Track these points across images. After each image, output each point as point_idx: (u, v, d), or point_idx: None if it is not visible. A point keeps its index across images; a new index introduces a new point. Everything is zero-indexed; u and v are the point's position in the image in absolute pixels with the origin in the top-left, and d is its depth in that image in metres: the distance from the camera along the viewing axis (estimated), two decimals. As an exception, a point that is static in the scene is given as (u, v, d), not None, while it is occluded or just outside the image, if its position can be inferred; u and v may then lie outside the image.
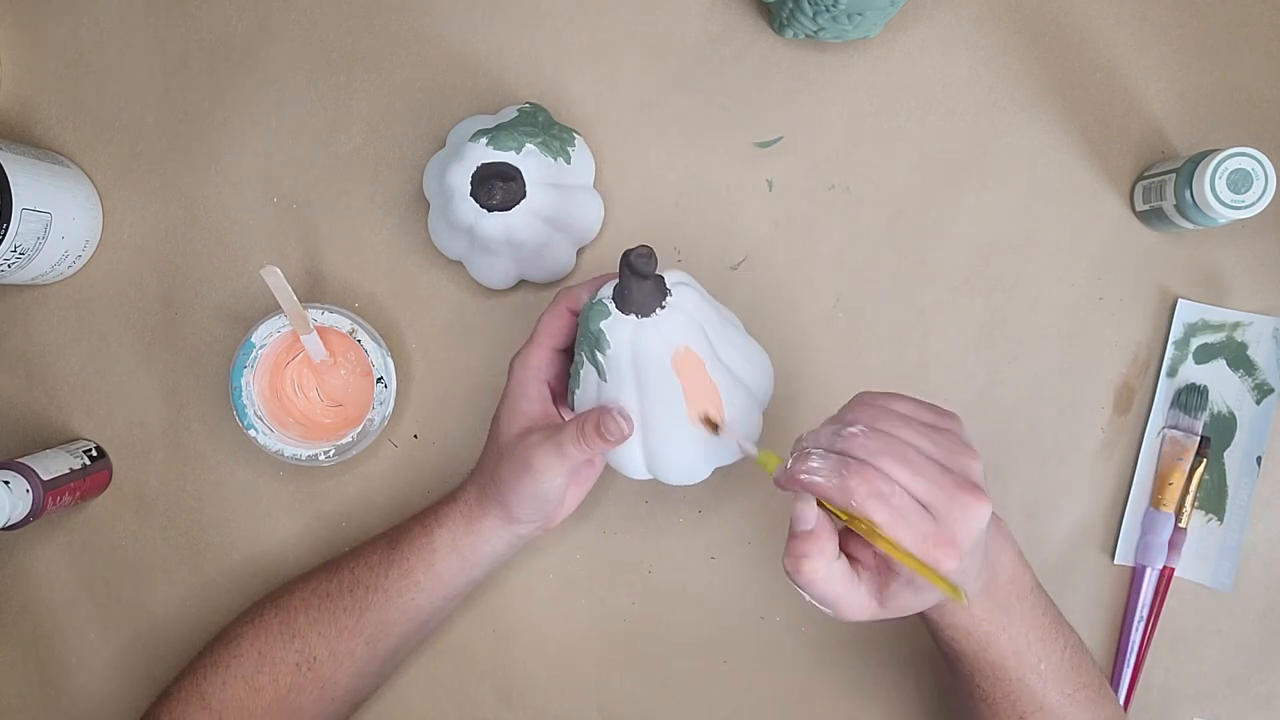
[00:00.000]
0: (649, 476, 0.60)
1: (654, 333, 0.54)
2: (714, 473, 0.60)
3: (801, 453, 0.50)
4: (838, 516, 0.50)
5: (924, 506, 0.48)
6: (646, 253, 0.52)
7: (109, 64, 0.71)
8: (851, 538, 0.52)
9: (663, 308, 0.54)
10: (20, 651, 0.72)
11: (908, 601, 0.50)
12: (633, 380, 0.55)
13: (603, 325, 0.54)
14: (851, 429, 0.49)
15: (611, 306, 0.54)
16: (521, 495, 0.59)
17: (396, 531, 0.65)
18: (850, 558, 0.51)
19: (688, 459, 0.58)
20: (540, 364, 0.60)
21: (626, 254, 0.52)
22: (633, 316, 0.54)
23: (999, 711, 0.58)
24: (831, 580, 0.50)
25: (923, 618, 0.57)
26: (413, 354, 0.71)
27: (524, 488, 0.59)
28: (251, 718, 0.63)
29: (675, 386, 0.55)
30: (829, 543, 0.50)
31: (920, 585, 0.49)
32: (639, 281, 0.53)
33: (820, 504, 0.50)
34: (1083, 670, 0.59)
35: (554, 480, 0.58)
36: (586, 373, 0.57)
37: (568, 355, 0.61)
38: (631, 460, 0.59)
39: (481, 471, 0.63)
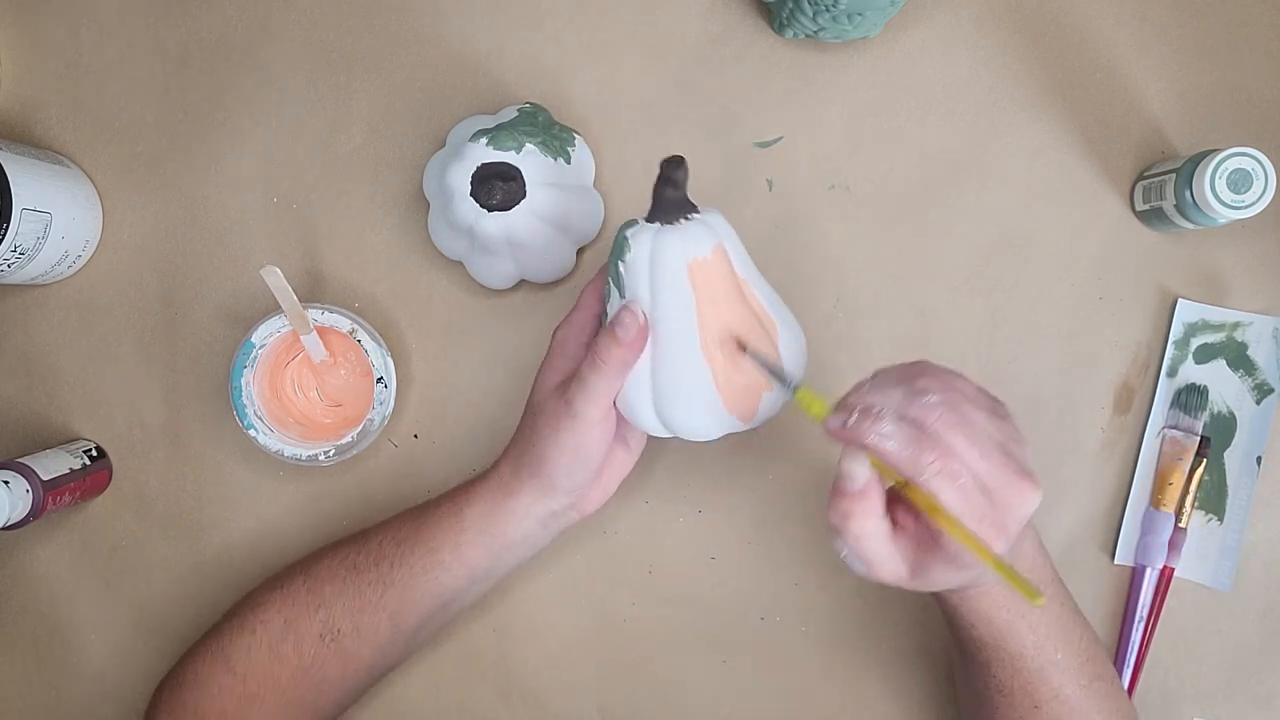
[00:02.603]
0: (660, 427, 0.56)
1: (671, 238, 0.53)
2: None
3: (869, 411, 0.48)
4: (889, 478, 0.49)
5: (983, 487, 0.48)
6: (678, 161, 0.52)
7: (109, 64, 0.71)
8: (894, 500, 0.51)
9: (688, 219, 0.53)
10: (20, 652, 0.72)
11: (942, 577, 0.50)
12: (648, 292, 0.53)
13: (627, 233, 0.54)
14: (929, 398, 0.48)
15: (640, 219, 0.54)
16: (561, 450, 0.57)
17: (426, 507, 0.64)
18: (891, 520, 0.50)
19: (697, 398, 0.54)
20: (583, 326, 0.59)
21: (663, 160, 0.52)
22: (656, 225, 0.53)
23: (1014, 702, 0.58)
24: (874, 540, 0.49)
25: (941, 603, 0.57)
26: (413, 354, 0.71)
27: (562, 441, 0.56)
28: (276, 685, 0.62)
29: (688, 300, 0.52)
30: (877, 503, 0.49)
31: (960, 564, 0.49)
32: (668, 189, 0.53)
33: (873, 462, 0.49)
34: (1097, 662, 0.59)
35: (592, 427, 0.55)
36: (611, 298, 0.56)
37: None
38: (640, 401, 0.55)
39: (516, 443, 0.61)
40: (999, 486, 0.48)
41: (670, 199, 0.53)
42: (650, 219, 0.54)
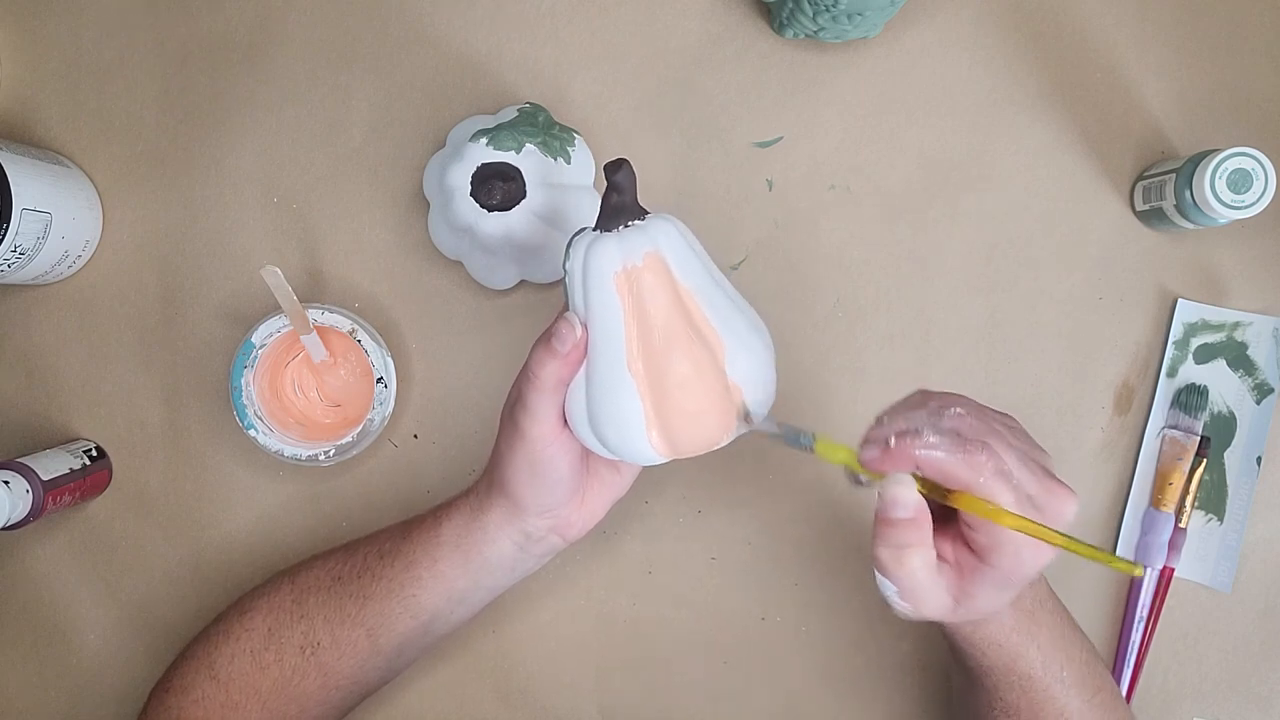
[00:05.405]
0: (601, 447, 0.52)
1: (602, 246, 0.49)
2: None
3: (905, 431, 0.46)
4: (933, 500, 0.47)
5: (1026, 497, 0.46)
6: (618, 164, 0.49)
7: (109, 64, 0.71)
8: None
9: (628, 225, 0.50)
10: (20, 652, 0.72)
11: (986, 601, 0.48)
12: (583, 302, 0.50)
13: (571, 241, 0.51)
14: (954, 409, 0.46)
15: (588, 228, 0.52)
16: (517, 469, 0.55)
17: (411, 521, 0.63)
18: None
19: (624, 419, 0.49)
20: None
21: (606, 164, 0.50)
22: (597, 232, 0.50)
23: None
24: (926, 573, 0.47)
25: (950, 634, 0.56)
26: (413, 354, 0.71)
27: (517, 460, 0.54)
28: (257, 694, 0.61)
29: (616, 311, 0.49)
30: (929, 529, 0.46)
31: (1003, 584, 0.47)
32: (611, 194, 0.50)
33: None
34: (1097, 674, 0.59)
35: (545, 445, 0.53)
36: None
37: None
38: (578, 417, 0.51)
39: (490, 459, 0.60)
40: (1040, 493, 0.46)
41: (613, 204, 0.50)
42: (595, 226, 0.51)
